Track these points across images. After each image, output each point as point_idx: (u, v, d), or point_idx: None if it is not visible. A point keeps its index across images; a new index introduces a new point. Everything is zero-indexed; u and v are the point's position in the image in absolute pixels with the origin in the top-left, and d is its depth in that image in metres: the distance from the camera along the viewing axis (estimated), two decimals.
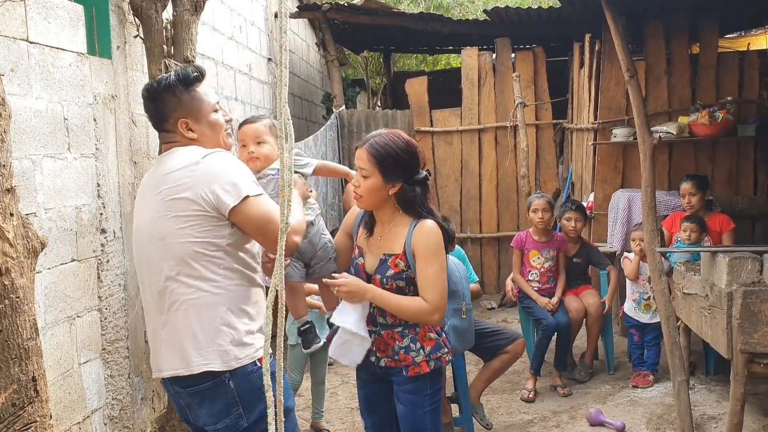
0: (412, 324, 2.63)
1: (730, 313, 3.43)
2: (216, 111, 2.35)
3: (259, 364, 2.23)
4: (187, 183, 2.16)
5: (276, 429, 1.70)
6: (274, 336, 1.75)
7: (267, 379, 1.77)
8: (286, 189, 2.53)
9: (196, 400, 2.25)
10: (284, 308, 2.46)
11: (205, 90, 2.34)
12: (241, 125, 2.73)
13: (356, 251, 2.74)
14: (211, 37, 5.57)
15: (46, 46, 3.16)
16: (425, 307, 2.54)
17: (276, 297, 1.72)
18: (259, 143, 2.67)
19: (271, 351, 2.27)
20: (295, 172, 2.55)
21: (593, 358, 5.22)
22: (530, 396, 4.77)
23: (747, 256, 3.49)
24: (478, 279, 4.64)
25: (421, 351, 2.63)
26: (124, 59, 3.94)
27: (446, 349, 2.72)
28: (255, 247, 2.33)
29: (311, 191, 2.77)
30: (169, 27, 4.05)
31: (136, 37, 4.02)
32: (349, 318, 2.57)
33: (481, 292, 5.91)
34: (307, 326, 2.81)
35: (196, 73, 2.30)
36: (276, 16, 7.76)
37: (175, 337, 2.22)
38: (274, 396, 1.74)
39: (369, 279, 2.64)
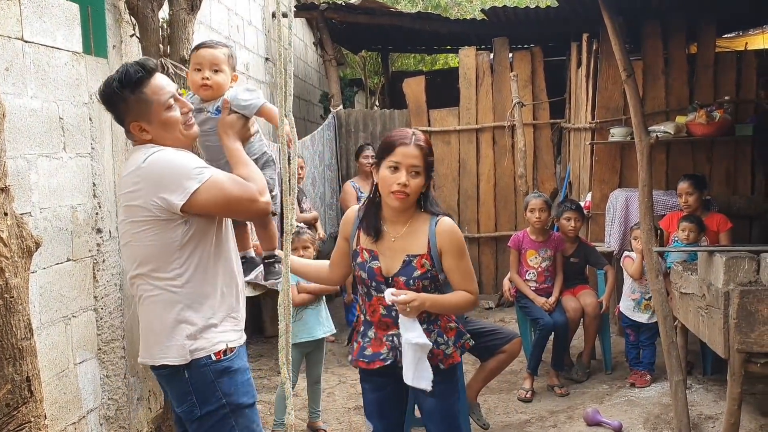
0: (434, 318, 2.68)
1: (726, 313, 3.42)
2: (169, 108, 2.29)
3: (214, 358, 2.27)
4: (136, 190, 2.21)
5: None
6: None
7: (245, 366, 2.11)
8: (287, 196, 2.54)
9: (162, 383, 2.47)
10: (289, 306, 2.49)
11: (155, 86, 2.27)
12: (196, 48, 2.57)
13: (365, 255, 2.67)
14: (208, 36, 5.56)
15: (42, 45, 3.15)
16: (470, 297, 2.67)
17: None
18: (215, 71, 2.50)
19: (235, 346, 2.35)
20: (235, 111, 2.48)
21: (591, 358, 5.22)
22: (527, 396, 4.76)
23: (744, 255, 3.49)
24: None
25: (450, 342, 2.69)
26: (120, 59, 3.93)
27: (467, 335, 2.81)
28: (221, 235, 2.35)
29: (255, 131, 2.63)
30: (165, 26, 4.04)
31: (132, 36, 4.01)
32: (416, 332, 2.56)
33: None
34: (272, 260, 2.72)
35: (140, 74, 2.23)
36: (273, 15, 7.76)
37: (143, 329, 2.37)
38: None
39: (388, 282, 2.63)
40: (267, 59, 7.34)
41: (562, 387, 4.87)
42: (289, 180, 2.50)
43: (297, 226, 4.48)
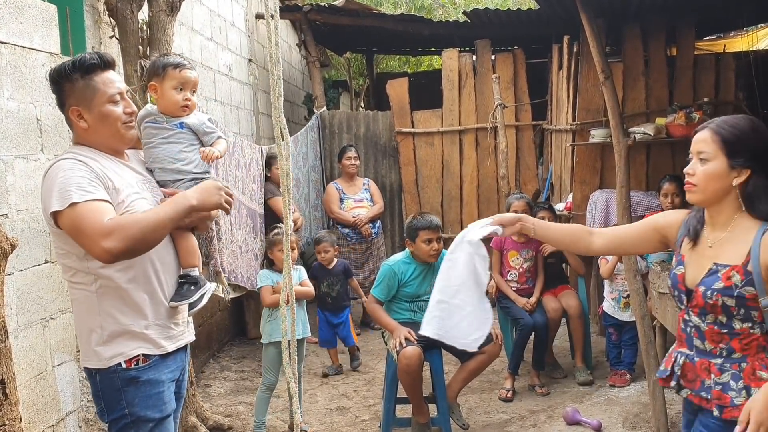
0: (738, 357, 2.13)
1: None
2: (114, 102, 2.26)
3: (124, 366, 2.23)
4: (42, 201, 2.20)
5: None
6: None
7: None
8: (285, 194, 2.56)
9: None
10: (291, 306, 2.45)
11: (106, 78, 2.26)
12: (177, 66, 2.55)
13: (675, 260, 2.32)
14: (190, 37, 5.56)
15: (18, 46, 3.14)
16: None
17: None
18: (194, 92, 2.59)
19: (152, 356, 2.28)
20: (191, 130, 2.56)
21: (583, 359, 5.20)
22: (508, 395, 4.79)
23: None
24: None
25: (743, 392, 2.09)
26: None
27: None
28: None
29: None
30: (144, 28, 4.04)
31: (111, 37, 4.01)
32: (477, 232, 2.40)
33: None
34: (184, 279, 2.44)
35: (94, 61, 2.23)
36: (257, 17, 7.76)
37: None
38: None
39: (690, 294, 2.20)
40: (250, 60, 7.34)
41: (543, 387, 4.90)
42: (284, 181, 2.58)
43: (282, 228, 4.49)
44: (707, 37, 8.65)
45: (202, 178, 2.53)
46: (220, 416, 4.43)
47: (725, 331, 2.14)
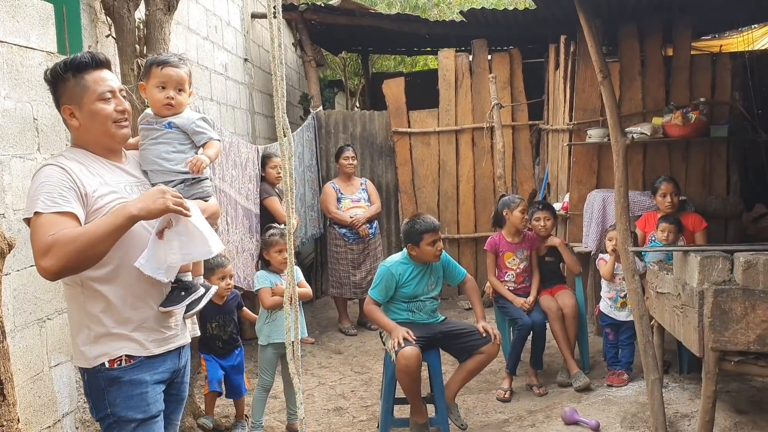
0: None
1: (701, 312, 3.46)
2: (104, 100, 2.25)
3: (108, 365, 2.24)
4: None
5: None
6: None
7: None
8: (288, 193, 2.51)
9: None
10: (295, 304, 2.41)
11: (98, 76, 2.25)
12: (160, 64, 2.50)
13: None
14: (186, 36, 5.54)
15: (15, 45, 3.12)
16: None
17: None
18: (179, 90, 2.52)
19: (137, 357, 2.25)
20: (181, 130, 2.49)
21: (579, 361, 5.20)
22: (506, 396, 4.78)
23: (718, 255, 3.54)
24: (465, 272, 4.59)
25: None
26: None
27: None
28: (122, 245, 2.16)
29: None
30: (141, 26, 4.03)
31: (108, 36, 3.99)
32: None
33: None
34: (177, 285, 2.41)
35: (85, 59, 2.23)
36: (253, 16, 7.73)
37: None
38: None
39: None
40: (246, 60, 7.31)
41: (541, 387, 4.90)
42: (287, 180, 2.51)
43: (277, 228, 4.46)
44: (704, 37, 8.66)
45: (194, 179, 2.48)
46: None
47: None
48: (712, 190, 6.23)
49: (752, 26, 8.18)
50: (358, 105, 11.89)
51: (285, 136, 2.19)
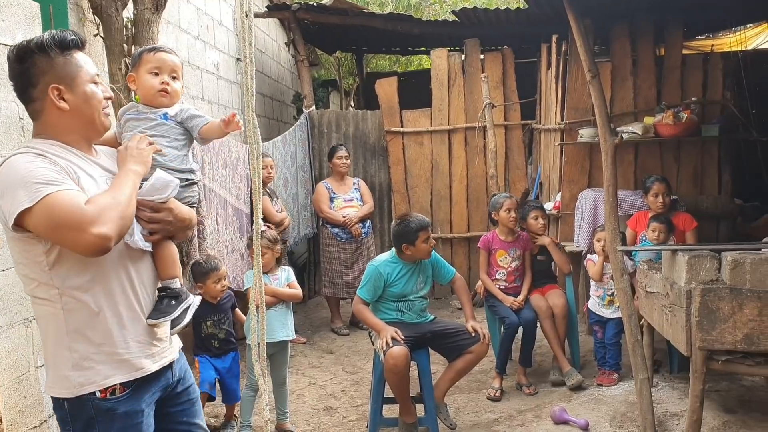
0: None
1: (689, 311, 3.47)
2: (96, 83, 2.07)
3: (99, 395, 2.01)
4: None
5: None
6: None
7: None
8: (256, 194, 2.47)
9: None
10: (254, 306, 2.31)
11: (85, 58, 2.06)
12: (152, 50, 2.36)
13: None
14: (177, 36, 5.52)
15: (0, 43, 3.10)
16: None
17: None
18: (174, 77, 2.34)
19: (130, 386, 2.05)
20: (179, 123, 2.30)
21: (570, 360, 5.19)
22: (497, 395, 4.78)
23: (706, 254, 3.54)
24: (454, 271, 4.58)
25: None
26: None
27: None
28: (98, 265, 1.99)
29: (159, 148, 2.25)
30: (129, 26, 4.01)
31: (96, 35, 3.98)
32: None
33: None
34: (164, 293, 2.23)
35: (74, 38, 2.02)
36: (246, 15, 7.71)
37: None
38: None
39: None
40: (238, 59, 7.30)
41: (530, 386, 4.90)
42: (257, 180, 2.45)
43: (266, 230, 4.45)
44: (699, 37, 8.66)
45: (187, 179, 2.32)
46: (207, 417, 4.40)
47: None
48: (703, 190, 6.24)
49: (746, 26, 8.20)
50: (353, 104, 11.89)
51: (254, 135, 2.18)
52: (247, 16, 2.00)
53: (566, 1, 4.25)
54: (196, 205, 2.42)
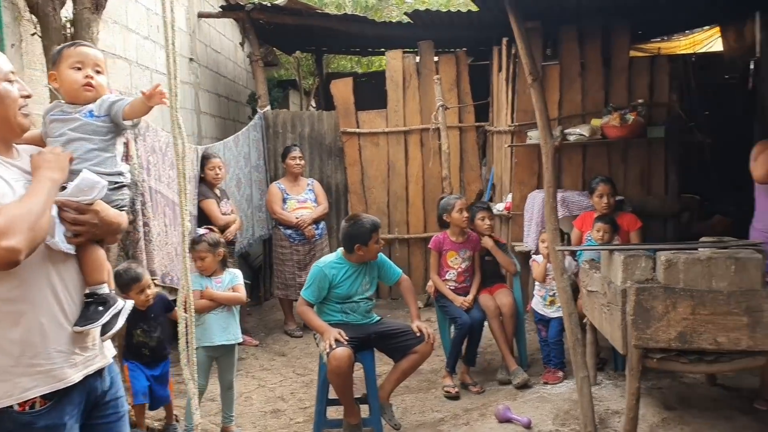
0: None
1: (624, 310, 3.53)
2: (9, 81, 1.98)
3: (18, 408, 1.92)
4: None
5: None
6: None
7: None
8: (182, 195, 2.43)
9: None
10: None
11: None
12: (72, 45, 2.28)
13: None
14: (125, 36, 5.46)
15: None
16: None
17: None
18: (98, 71, 2.27)
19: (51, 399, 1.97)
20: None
21: (517, 358, 5.25)
22: (455, 391, 4.81)
23: (641, 254, 3.62)
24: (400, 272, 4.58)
25: None
26: (20, 58, 3.83)
27: None
28: (16, 272, 1.88)
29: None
30: (68, 25, 3.96)
31: (33, 35, 3.91)
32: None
33: None
34: (91, 299, 2.14)
35: None
36: (199, 16, 7.66)
37: None
38: None
39: None
40: (191, 59, 7.25)
41: (476, 385, 4.94)
42: (181, 181, 2.42)
43: (198, 234, 4.41)
44: (653, 40, 8.81)
45: (115, 182, 2.26)
46: (151, 420, 4.36)
47: None
48: (650, 190, 6.36)
49: (697, 29, 8.38)
50: (313, 105, 11.86)
51: (180, 136, 2.17)
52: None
53: (509, 4, 4.30)
54: (125, 209, 2.36)
